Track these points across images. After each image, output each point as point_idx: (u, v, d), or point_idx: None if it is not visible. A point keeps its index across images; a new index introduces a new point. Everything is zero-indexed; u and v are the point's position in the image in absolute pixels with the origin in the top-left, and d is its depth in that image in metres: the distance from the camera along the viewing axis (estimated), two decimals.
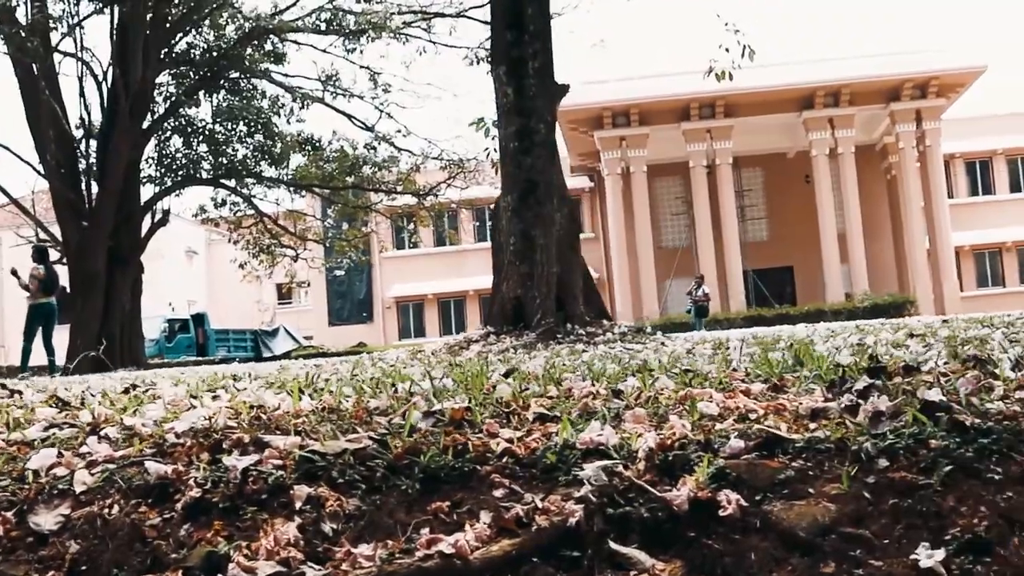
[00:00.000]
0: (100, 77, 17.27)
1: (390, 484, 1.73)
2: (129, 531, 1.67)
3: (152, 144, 18.91)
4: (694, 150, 30.20)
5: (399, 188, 21.26)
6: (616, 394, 2.24)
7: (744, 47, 10.98)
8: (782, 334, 6.96)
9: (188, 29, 18.12)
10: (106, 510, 1.71)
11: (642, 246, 30.18)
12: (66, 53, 17.02)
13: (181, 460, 1.83)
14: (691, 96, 28.72)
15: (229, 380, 3.94)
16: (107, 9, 16.57)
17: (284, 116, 20.16)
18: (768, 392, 2.27)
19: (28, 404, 2.80)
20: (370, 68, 19.04)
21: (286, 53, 19.37)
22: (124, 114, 16.47)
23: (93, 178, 17.07)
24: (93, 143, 17.39)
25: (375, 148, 20.42)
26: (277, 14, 18.28)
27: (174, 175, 19.33)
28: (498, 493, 1.72)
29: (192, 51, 18.70)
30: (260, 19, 17.79)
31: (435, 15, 18.79)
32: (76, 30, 16.76)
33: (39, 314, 13.83)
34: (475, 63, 16.30)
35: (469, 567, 1.59)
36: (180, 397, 2.48)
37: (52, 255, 15.50)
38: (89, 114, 17.51)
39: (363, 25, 17.63)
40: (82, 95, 17.36)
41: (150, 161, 19.04)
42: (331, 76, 19.31)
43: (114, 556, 1.64)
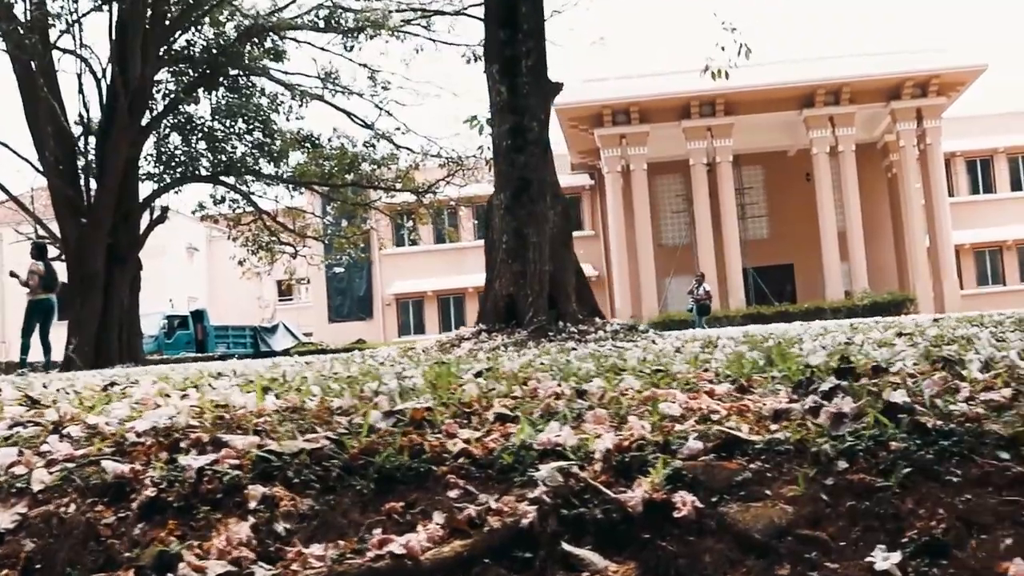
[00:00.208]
0: (99, 74, 17.24)
1: (345, 484, 1.73)
2: (84, 530, 1.68)
3: (151, 141, 18.90)
4: (694, 148, 30.17)
5: (398, 185, 21.23)
6: (580, 394, 2.23)
7: (741, 45, 10.96)
8: (774, 332, 6.95)
9: (187, 26, 18.10)
10: (62, 509, 1.72)
11: (642, 244, 30.15)
12: (65, 50, 16.97)
13: (139, 459, 1.83)
14: (691, 94, 28.69)
15: (211, 378, 3.94)
16: (106, 6, 16.55)
17: (283, 113, 20.15)
18: (734, 393, 2.27)
19: None
20: (369, 66, 19.03)
21: (285, 51, 19.35)
22: (123, 111, 16.45)
23: (92, 175, 17.05)
24: (92, 140, 17.37)
25: (374, 145, 20.40)
26: (276, 11, 18.25)
27: (173, 172, 19.32)
28: (453, 494, 1.72)
29: (191, 48, 18.67)
30: (258, 17, 17.76)
31: (435, 13, 18.76)
32: (75, 27, 16.75)
33: (38, 310, 13.86)
34: (473, 61, 16.28)
35: (420, 568, 1.59)
36: (150, 395, 2.48)
37: (51, 252, 15.51)
38: (88, 111, 17.50)
39: (361, 23, 17.62)
40: (81, 92, 17.33)
41: (149, 158, 19.03)
42: (330, 74, 19.29)
43: (68, 555, 1.65)
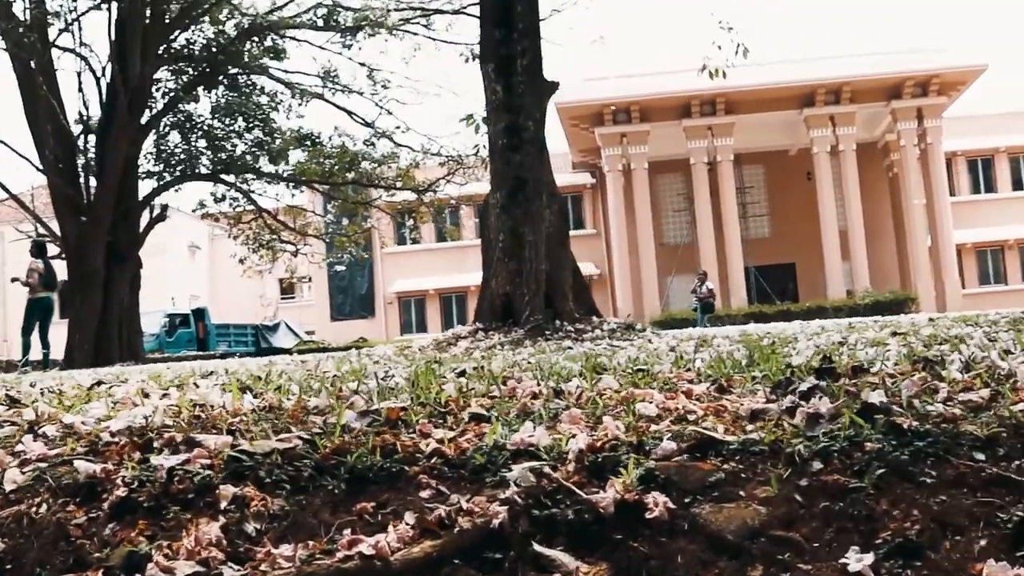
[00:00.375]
0: (99, 73, 17.25)
1: (317, 484, 1.73)
2: (55, 530, 1.68)
3: (151, 139, 18.90)
4: (695, 147, 30.14)
5: (399, 184, 21.23)
6: (558, 394, 2.23)
7: (738, 45, 10.93)
8: (771, 331, 6.94)
9: (187, 25, 18.09)
10: (34, 509, 1.72)
11: (643, 242, 30.14)
12: (65, 49, 16.97)
13: (112, 459, 1.83)
14: (692, 93, 28.65)
15: (201, 377, 3.94)
16: (105, 5, 16.55)
17: (283, 112, 20.16)
18: (713, 393, 2.26)
19: None
20: (368, 65, 18.99)
21: (285, 49, 19.34)
22: (123, 110, 16.44)
23: (91, 174, 17.05)
24: (92, 138, 17.37)
25: (374, 144, 20.39)
26: (275, 10, 18.24)
27: (173, 170, 19.32)
28: (425, 494, 1.72)
29: (191, 47, 18.67)
30: (257, 16, 17.76)
31: (434, 12, 18.75)
32: (74, 25, 16.75)
33: (38, 308, 13.88)
34: (471, 60, 16.22)
35: (389, 568, 1.58)
36: (131, 394, 2.48)
37: (51, 250, 15.52)
38: (88, 109, 17.50)
39: (360, 21, 17.61)
40: (81, 90, 17.33)
41: (149, 156, 19.03)
42: (329, 72, 19.28)
43: (39, 555, 1.65)
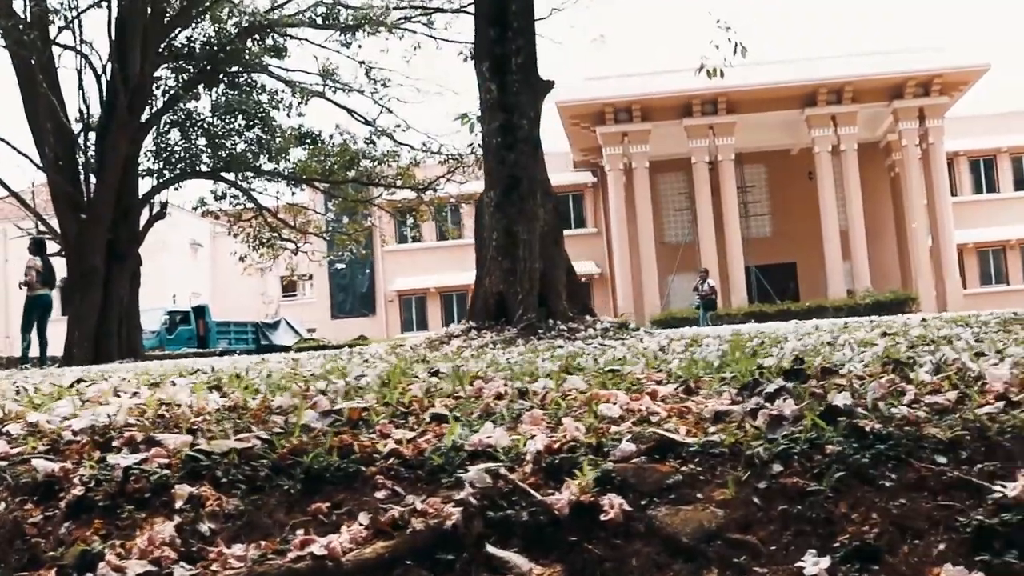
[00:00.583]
0: (99, 70, 17.25)
1: (273, 484, 1.73)
2: (11, 528, 1.68)
3: (151, 137, 18.91)
4: (696, 146, 30.13)
5: (399, 183, 21.23)
6: (522, 395, 2.23)
7: (736, 44, 10.90)
8: (764, 331, 6.93)
9: (187, 23, 18.10)
10: None
11: (644, 241, 30.14)
12: (65, 46, 16.97)
13: (72, 458, 1.84)
14: (693, 92, 28.63)
15: (187, 375, 3.95)
16: (105, 2, 16.57)
17: (284, 110, 20.16)
18: (680, 394, 2.26)
19: None
20: (366, 63, 18.98)
21: (286, 47, 19.35)
22: (122, 108, 16.45)
23: (91, 171, 17.06)
24: (92, 136, 17.39)
25: (374, 143, 20.39)
26: (275, 8, 18.25)
27: (173, 168, 19.35)
28: (380, 495, 1.72)
29: (191, 45, 18.69)
30: (256, 14, 17.76)
31: (435, 10, 18.74)
32: (75, 23, 16.77)
33: (36, 305, 13.92)
34: (469, 59, 16.24)
35: (341, 569, 1.59)
36: (102, 393, 2.49)
37: (50, 247, 15.54)
38: (88, 107, 17.49)
39: (359, 20, 17.61)
40: (81, 88, 17.34)
41: (148, 154, 19.05)
42: (329, 71, 19.27)
43: None
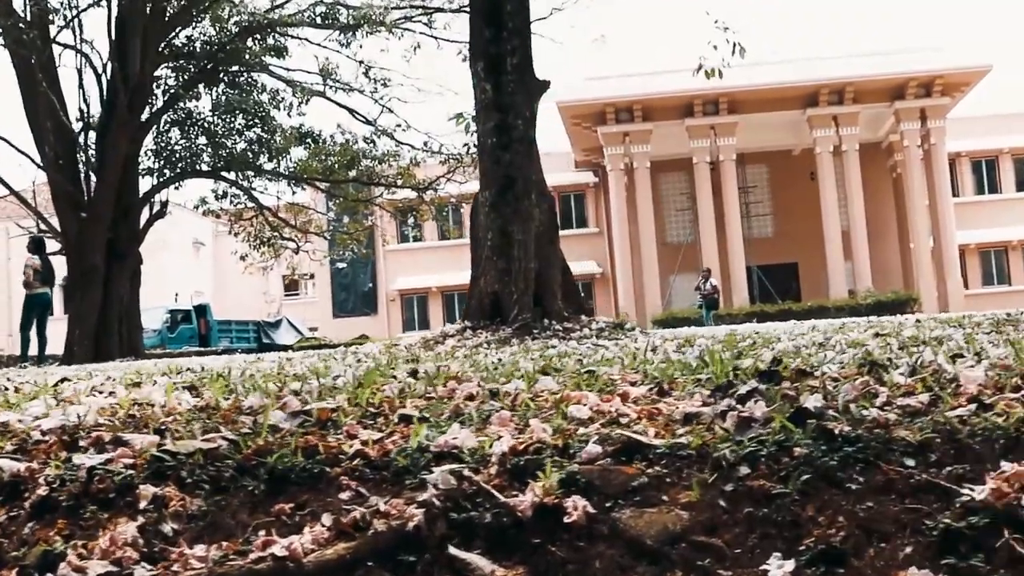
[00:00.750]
0: (99, 70, 17.27)
1: (238, 485, 1.73)
2: None
3: (151, 136, 18.93)
4: (698, 146, 30.11)
5: (399, 182, 21.24)
6: (493, 395, 2.23)
7: (734, 45, 10.89)
8: (760, 331, 6.93)
9: (188, 22, 18.12)
10: None
11: (646, 241, 30.13)
12: (65, 45, 16.99)
13: (39, 458, 1.84)
14: (694, 93, 28.59)
15: (173, 374, 3.95)
16: (105, 1, 16.59)
17: (284, 110, 20.18)
18: (653, 395, 2.26)
19: None
20: (366, 63, 18.98)
21: (287, 47, 19.35)
22: (123, 107, 16.48)
23: (92, 170, 17.09)
24: (92, 135, 17.41)
25: (374, 142, 20.40)
26: (274, 8, 18.26)
27: (173, 167, 19.37)
28: (345, 495, 1.72)
29: (192, 44, 18.71)
30: (255, 14, 17.77)
31: (435, 10, 18.75)
32: (75, 22, 16.79)
33: (36, 304, 13.96)
34: (467, 59, 16.22)
35: (302, 569, 1.59)
36: (77, 392, 2.49)
37: (49, 246, 15.57)
38: (88, 106, 17.52)
39: (359, 20, 17.62)
40: (81, 87, 17.37)
41: (149, 154, 19.07)
42: (327, 70, 19.28)
43: None
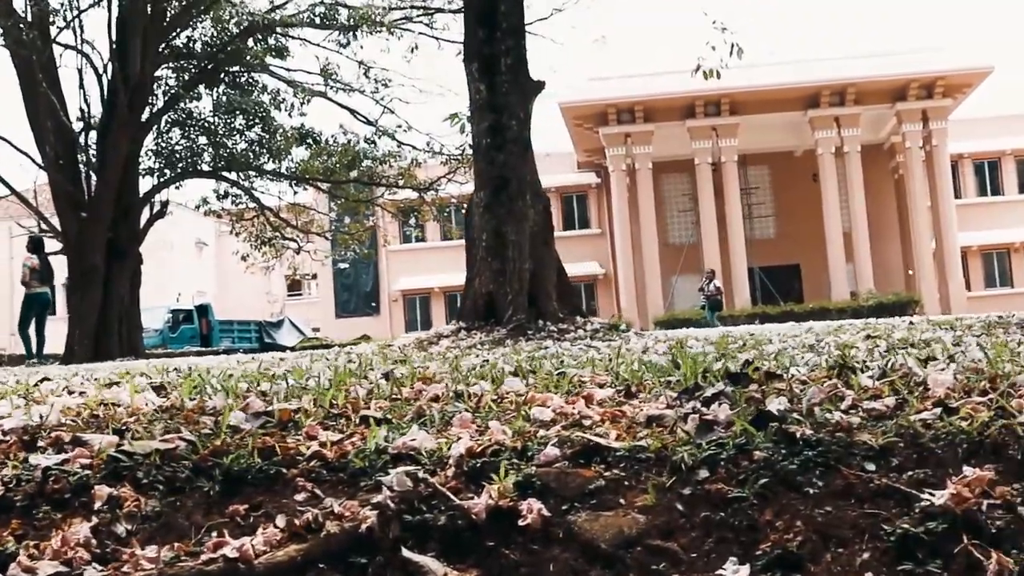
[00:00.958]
0: (100, 70, 17.29)
1: (193, 485, 1.74)
2: None
3: (151, 136, 18.96)
4: (700, 147, 30.09)
5: (400, 183, 21.25)
6: (458, 397, 2.23)
7: (732, 45, 10.88)
8: (754, 332, 6.93)
9: (188, 22, 18.15)
10: None
11: (648, 242, 30.12)
12: (65, 45, 17.00)
13: None
14: (696, 94, 28.56)
15: (158, 374, 3.96)
16: (106, 2, 16.62)
17: (285, 110, 20.19)
18: (618, 397, 2.25)
19: None
20: (366, 63, 19.00)
21: (288, 47, 19.37)
22: (123, 107, 16.49)
23: (92, 170, 17.11)
24: (92, 135, 17.44)
25: (375, 143, 20.41)
26: (274, 9, 18.28)
27: (173, 167, 19.40)
28: (299, 497, 1.72)
29: (192, 45, 18.73)
30: (254, 15, 17.79)
31: (435, 11, 18.75)
32: (75, 22, 16.82)
33: (35, 303, 14.01)
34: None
35: (253, 571, 1.59)
36: (48, 392, 2.50)
37: (48, 246, 15.61)
38: (88, 106, 17.53)
39: (357, 20, 17.64)
40: (82, 87, 17.39)
41: (149, 154, 19.10)
42: (330, 71, 19.30)
43: None
